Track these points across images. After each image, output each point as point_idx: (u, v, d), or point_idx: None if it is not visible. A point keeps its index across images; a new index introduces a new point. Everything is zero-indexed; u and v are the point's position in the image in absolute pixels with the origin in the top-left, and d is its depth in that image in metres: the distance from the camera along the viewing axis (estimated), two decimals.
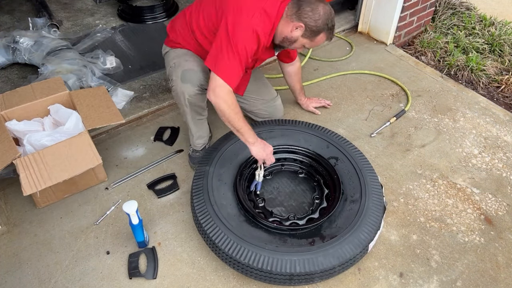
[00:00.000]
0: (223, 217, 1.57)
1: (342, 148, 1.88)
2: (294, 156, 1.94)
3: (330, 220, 1.62)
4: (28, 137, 1.80)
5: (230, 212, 1.61)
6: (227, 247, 1.49)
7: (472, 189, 2.00)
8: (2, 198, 1.90)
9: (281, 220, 1.72)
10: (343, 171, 1.79)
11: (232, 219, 1.58)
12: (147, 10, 3.15)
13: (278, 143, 1.89)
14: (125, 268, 1.64)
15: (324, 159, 1.84)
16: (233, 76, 1.59)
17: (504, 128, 2.34)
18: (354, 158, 1.83)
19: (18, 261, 1.67)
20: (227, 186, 1.71)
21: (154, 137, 2.22)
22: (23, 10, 3.25)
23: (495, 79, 2.72)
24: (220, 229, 1.53)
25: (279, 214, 1.77)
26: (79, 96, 1.99)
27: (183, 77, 1.74)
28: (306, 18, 1.62)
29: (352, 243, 1.52)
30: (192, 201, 1.66)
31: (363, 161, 1.83)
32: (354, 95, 2.54)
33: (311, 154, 1.89)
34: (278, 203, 1.83)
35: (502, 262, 1.70)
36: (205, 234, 1.56)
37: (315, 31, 1.65)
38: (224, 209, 1.61)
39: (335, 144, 1.89)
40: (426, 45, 2.98)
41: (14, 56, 2.56)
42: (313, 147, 1.90)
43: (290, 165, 1.96)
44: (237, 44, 1.56)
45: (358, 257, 1.53)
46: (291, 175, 1.95)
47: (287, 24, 1.65)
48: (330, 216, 1.62)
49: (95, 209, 1.86)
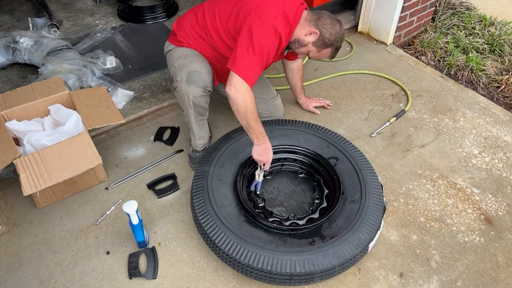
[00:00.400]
0: (223, 217, 1.57)
1: (342, 148, 1.88)
2: (294, 156, 1.94)
3: (330, 220, 1.62)
4: (28, 137, 1.80)
5: (230, 212, 1.61)
6: (227, 247, 1.49)
7: (472, 189, 2.00)
8: (2, 198, 1.90)
9: (281, 220, 1.72)
10: (343, 171, 1.79)
11: (232, 219, 1.58)
12: (147, 10, 3.15)
13: (278, 143, 1.88)
14: (125, 268, 1.64)
15: (324, 159, 1.84)
16: (252, 75, 1.62)
17: (504, 128, 2.34)
18: (354, 158, 1.83)
19: (18, 261, 1.67)
20: (227, 186, 1.71)
21: (154, 137, 2.22)
22: (23, 10, 3.25)
23: (495, 79, 2.72)
24: (220, 229, 1.53)
25: (279, 214, 1.77)
26: (79, 96, 1.99)
27: (188, 78, 1.75)
28: (323, 28, 1.71)
29: (352, 243, 1.52)
30: (192, 201, 1.66)
31: (363, 161, 1.83)
32: (354, 95, 2.54)
33: (311, 154, 1.89)
34: (278, 203, 1.83)
35: (502, 262, 1.70)
36: (205, 234, 1.56)
37: (326, 43, 1.74)
38: (224, 209, 1.61)
39: (335, 144, 1.89)
40: (426, 45, 2.98)
41: (14, 56, 2.56)
42: (313, 147, 1.90)
43: (290, 165, 1.96)
44: (261, 44, 1.59)
45: (358, 257, 1.54)
46: (291, 175, 1.95)
47: (304, 27, 1.72)
48: (330, 216, 1.62)
49: (95, 209, 1.86)
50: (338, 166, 1.81)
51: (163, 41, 1.98)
